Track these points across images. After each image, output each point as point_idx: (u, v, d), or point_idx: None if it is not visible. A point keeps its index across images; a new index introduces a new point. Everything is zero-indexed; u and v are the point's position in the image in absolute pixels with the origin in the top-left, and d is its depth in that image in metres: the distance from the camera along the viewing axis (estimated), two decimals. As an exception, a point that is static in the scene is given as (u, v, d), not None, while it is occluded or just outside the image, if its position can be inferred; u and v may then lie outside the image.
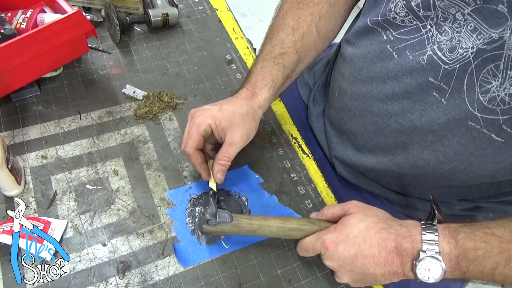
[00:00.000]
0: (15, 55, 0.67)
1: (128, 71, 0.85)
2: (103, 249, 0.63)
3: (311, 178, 0.76)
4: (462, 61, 0.56)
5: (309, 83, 0.95)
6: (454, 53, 0.57)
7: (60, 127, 0.75)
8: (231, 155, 0.65)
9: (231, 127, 0.64)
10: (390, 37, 0.64)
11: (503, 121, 0.55)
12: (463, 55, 0.56)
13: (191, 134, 0.64)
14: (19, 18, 0.77)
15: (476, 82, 0.56)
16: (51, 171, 0.69)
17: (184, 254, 0.64)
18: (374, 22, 0.66)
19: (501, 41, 0.52)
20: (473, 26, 0.55)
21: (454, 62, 0.57)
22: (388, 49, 0.65)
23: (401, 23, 0.62)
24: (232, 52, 0.93)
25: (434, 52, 0.59)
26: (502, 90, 0.54)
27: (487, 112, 0.56)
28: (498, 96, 0.55)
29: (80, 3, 0.91)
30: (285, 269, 0.65)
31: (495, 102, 0.55)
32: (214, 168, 0.65)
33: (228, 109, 0.65)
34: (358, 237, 0.56)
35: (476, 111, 0.57)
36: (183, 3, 1.00)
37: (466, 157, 0.61)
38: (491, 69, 0.54)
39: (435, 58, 0.59)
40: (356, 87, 0.71)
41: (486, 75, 0.55)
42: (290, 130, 0.83)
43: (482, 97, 0.56)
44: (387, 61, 0.65)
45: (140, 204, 0.68)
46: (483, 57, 0.54)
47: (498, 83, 0.54)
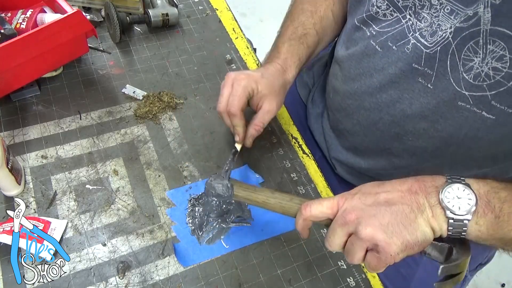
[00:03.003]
0: (15, 55, 0.67)
1: (128, 71, 0.85)
2: (103, 249, 0.63)
3: (311, 178, 0.76)
4: (442, 42, 0.57)
5: (308, 83, 0.95)
6: (434, 36, 0.58)
7: (60, 127, 0.75)
8: (266, 121, 0.69)
9: (270, 95, 0.68)
10: (373, 32, 0.66)
11: (492, 96, 0.55)
12: (443, 36, 0.57)
13: (238, 95, 0.65)
14: (19, 18, 0.77)
15: (459, 61, 0.57)
16: (51, 171, 0.69)
17: (184, 254, 0.64)
18: (359, 20, 0.68)
19: (476, 17, 0.53)
20: (449, 8, 0.56)
21: (435, 44, 0.58)
22: (371, 44, 0.66)
23: (383, 17, 0.64)
24: (232, 52, 0.93)
25: (417, 39, 0.60)
26: (485, 65, 0.54)
27: (475, 89, 0.56)
28: (482, 72, 0.55)
29: (80, 3, 0.91)
30: (285, 269, 0.65)
31: (480, 78, 0.55)
32: (248, 131, 0.68)
33: (269, 78, 0.69)
34: (372, 187, 0.50)
35: (464, 89, 0.57)
36: (183, 3, 1.00)
37: (461, 139, 0.61)
38: (471, 47, 0.55)
39: (418, 45, 0.60)
40: (347, 86, 0.73)
41: (467, 53, 0.56)
42: (290, 130, 0.83)
43: (467, 75, 0.56)
44: (372, 56, 0.67)
45: (140, 204, 0.68)
46: (462, 35, 0.55)
47: (480, 59, 0.55)
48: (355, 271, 0.66)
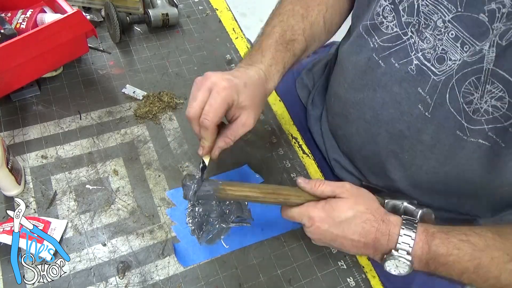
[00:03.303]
0: (15, 55, 0.67)
1: (128, 71, 0.85)
2: (103, 249, 0.63)
3: (311, 178, 0.76)
4: (448, 72, 0.57)
5: (308, 85, 0.95)
6: (443, 64, 0.58)
7: (60, 127, 0.75)
8: (240, 135, 0.61)
9: (250, 108, 0.60)
10: (375, 44, 0.66)
11: (488, 129, 0.56)
12: (451, 67, 0.57)
13: (215, 107, 0.56)
14: (19, 18, 0.77)
15: (459, 94, 0.57)
16: (51, 171, 0.69)
17: (184, 254, 0.64)
18: (363, 27, 0.67)
19: (481, 54, 0.53)
20: (454, 34, 0.55)
21: (442, 74, 0.58)
22: (374, 57, 0.66)
23: (385, 29, 0.63)
24: (232, 52, 0.93)
25: (420, 61, 0.60)
26: (484, 103, 0.55)
27: (473, 123, 0.57)
28: (481, 108, 0.56)
29: (80, 3, 0.91)
30: (285, 269, 0.65)
31: (479, 113, 0.56)
32: (216, 142, 0.61)
33: (251, 88, 0.61)
34: (344, 223, 0.57)
35: (463, 120, 0.58)
36: (183, 3, 1.00)
37: (457, 161, 0.62)
38: (473, 82, 0.55)
39: (424, 68, 0.60)
40: (350, 95, 0.72)
41: (468, 87, 0.56)
42: (290, 130, 0.83)
43: (467, 107, 0.57)
44: (376, 70, 0.66)
45: (140, 204, 0.68)
46: (465, 71, 0.55)
47: (478, 96, 0.55)
48: (355, 271, 0.66)
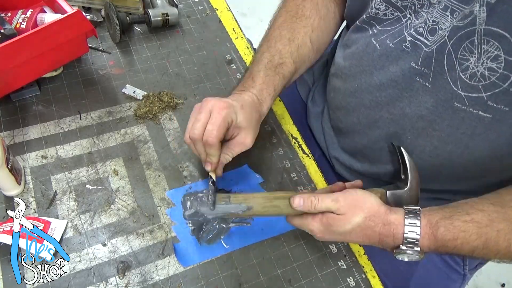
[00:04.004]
0: (15, 55, 0.67)
1: (128, 71, 0.85)
2: (103, 249, 0.63)
3: (311, 178, 0.76)
4: (439, 41, 0.58)
5: (308, 82, 0.95)
6: (435, 35, 0.58)
7: (60, 127, 0.75)
8: (237, 153, 0.66)
9: (248, 128, 0.65)
10: (375, 30, 0.67)
11: (487, 97, 0.56)
12: (442, 35, 0.57)
13: (218, 125, 0.61)
14: (19, 18, 0.77)
15: (456, 60, 0.57)
16: (51, 171, 0.69)
17: (184, 254, 0.64)
18: (361, 21, 0.69)
19: (472, 15, 0.53)
20: (443, 4, 0.56)
21: (433, 43, 0.58)
22: (372, 42, 0.67)
23: (384, 16, 0.64)
24: (232, 52, 0.93)
25: (413, 36, 0.61)
26: (480, 65, 0.55)
27: (470, 90, 0.57)
28: (478, 72, 0.55)
29: (80, 3, 0.91)
30: (285, 269, 0.65)
31: (476, 78, 0.56)
32: None
33: (248, 110, 0.66)
34: (344, 233, 0.59)
35: (460, 89, 0.58)
36: (183, 3, 1.00)
37: (459, 138, 0.62)
38: (467, 46, 0.55)
39: (418, 43, 0.60)
40: (348, 84, 0.73)
41: (463, 53, 0.56)
42: (290, 130, 0.83)
43: (463, 75, 0.57)
44: (372, 54, 0.67)
45: (140, 204, 0.68)
46: (458, 35, 0.55)
47: (475, 59, 0.55)
48: (355, 271, 0.66)
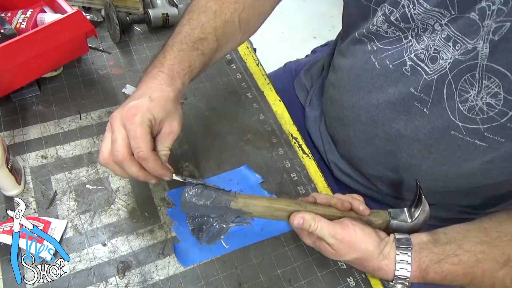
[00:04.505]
0: (15, 55, 0.67)
1: (128, 71, 0.85)
2: (103, 249, 0.63)
3: (311, 178, 0.76)
4: (439, 71, 0.58)
5: (306, 85, 0.95)
6: (436, 63, 0.58)
7: (60, 127, 0.75)
8: (171, 144, 0.59)
9: (168, 117, 0.58)
10: (374, 47, 0.66)
11: (484, 129, 0.56)
12: (443, 65, 0.57)
13: (140, 136, 0.53)
14: (19, 18, 0.77)
15: (455, 91, 0.57)
16: (51, 171, 0.69)
17: (184, 254, 0.64)
18: (360, 34, 0.68)
19: (475, 51, 0.54)
20: (446, 34, 0.56)
21: (434, 73, 0.59)
22: (371, 59, 0.66)
23: (385, 34, 0.64)
24: (232, 52, 0.93)
25: (414, 61, 0.61)
26: (480, 99, 0.55)
27: (468, 122, 0.57)
28: (476, 106, 0.56)
29: (80, 3, 0.91)
30: (285, 269, 0.65)
31: (474, 111, 0.56)
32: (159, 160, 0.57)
33: (159, 98, 0.57)
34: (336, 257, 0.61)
35: (458, 120, 0.58)
36: (183, 3, 1.00)
37: (454, 161, 0.62)
38: (468, 79, 0.56)
39: (418, 68, 0.60)
40: (346, 97, 0.72)
41: (464, 85, 0.56)
42: (290, 130, 0.82)
43: (462, 106, 0.57)
44: (371, 71, 0.67)
45: (140, 204, 0.68)
46: (460, 67, 0.56)
47: (475, 92, 0.56)
48: (355, 271, 0.66)
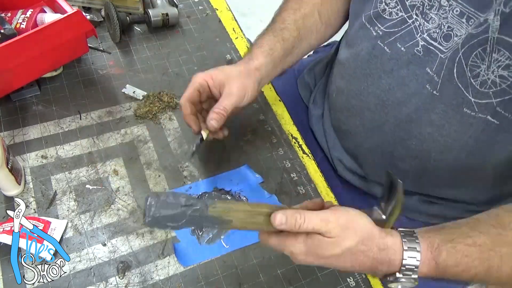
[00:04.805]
0: (15, 55, 0.67)
1: (128, 71, 0.85)
2: (103, 249, 0.63)
3: (311, 178, 0.76)
4: (453, 48, 0.57)
5: (309, 84, 0.95)
6: (450, 41, 0.58)
7: (60, 127, 0.75)
8: (227, 105, 0.63)
9: (227, 80, 0.65)
10: (379, 32, 0.65)
11: (497, 103, 0.56)
12: (457, 42, 0.57)
13: (187, 89, 0.65)
14: (19, 18, 0.77)
15: (466, 67, 0.57)
16: (51, 171, 0.69)
17: (184, 254, 0.64)
18: (366, 18, 0.67)
19: (486, 24, 0.53)
20: (459, 10, 0.55)
21: (449, 50, 0.58)
22: (379, 44, 0.66)
23: (389, 16, 0.64)
24: (232, 52, 0.93)
25: (427, 41, 0.60)
26: (491, 73, 0.55)
27: (480, 96, 0.57)
28: (489, 79, 0.55)
29: (80, 3, 0.91)
30: (285, 269, 0.65)
31: (486, 85, 0.56)
32: (208, 116, 0.63)
33: (224, 68, 0.67)
34: (331, 257, 0.50)
35: (470, 95, 0.57)
36: (183, 3, 1.00)
37: (465, 141, 0.61)
38: (479, 53, 0.55)
39: (431, 48, 0.60)
40: (353, 86, 0.72)
41: (475, 59, 0.56)
42: (290, 130, 0.82)
43: (474, 81, 0.57)
44: (380, 57, 0.66)
45: (140, 204, 0.68)
46: (471, 42, 0.55)
47: (485, 67, 0.55)
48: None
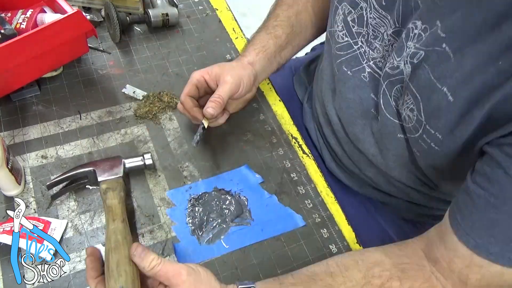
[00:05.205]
0: (15, 55, 0.67)
1: (128, 71, 0.85)
2: (103, 249, 0.63)
3: (311, 178, 0.76)
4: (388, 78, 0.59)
5: (305, 82, 0.95)
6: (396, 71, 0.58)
7: (60, 127, 0.75)
8: (222, 92, 0.67)
9: (223, 71, 0.69)
10: (333, 51, 0.69)
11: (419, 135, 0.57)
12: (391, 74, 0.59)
13: (186, 86, 0.70)
14: (19, 18, 0.77)
15: (391, 98, 0.59)
16: (51, 171, 0.69)
17: (184, 254, 0.64)
18: (328, 33, 0.71)
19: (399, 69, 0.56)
20: (397, 46, 0.57)
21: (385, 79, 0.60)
22: (333, 63, 0.70)
23: (337, 38, 0.66)
24: (232, 52, 0.93)
25: (373, 69, 0.62)
26: (403, 110, 0.57)
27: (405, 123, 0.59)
28: (401, 114, 0.58)
29: (80, 3, 0.91)
30: (285, 269, 0.65)
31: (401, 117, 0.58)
32: (206, 104, 0.67)
33: (220, 64, 0.72)
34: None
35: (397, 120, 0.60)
36: (183, 3, 1.00)
37: (411, 158, 0.63)
38: (397, 89, 0.58)
39: (377, 76, 0.62)
40: (324, 95, 0.76)
41: (396, 93, 0.58)
42: (290, 130, 0.82)
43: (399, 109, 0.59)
44: (333, 76, 0.70)
45: (140, 204, 0.68)
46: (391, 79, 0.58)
47: (401, 102, 0.57)
48: (355, 271, 0.66)
